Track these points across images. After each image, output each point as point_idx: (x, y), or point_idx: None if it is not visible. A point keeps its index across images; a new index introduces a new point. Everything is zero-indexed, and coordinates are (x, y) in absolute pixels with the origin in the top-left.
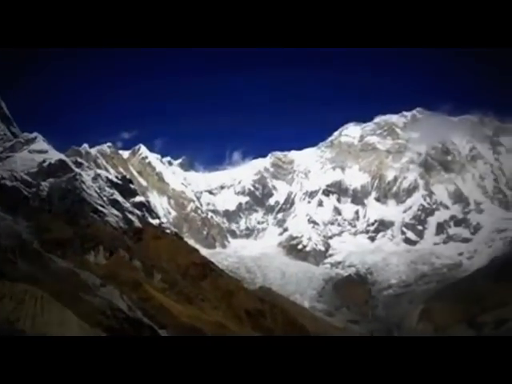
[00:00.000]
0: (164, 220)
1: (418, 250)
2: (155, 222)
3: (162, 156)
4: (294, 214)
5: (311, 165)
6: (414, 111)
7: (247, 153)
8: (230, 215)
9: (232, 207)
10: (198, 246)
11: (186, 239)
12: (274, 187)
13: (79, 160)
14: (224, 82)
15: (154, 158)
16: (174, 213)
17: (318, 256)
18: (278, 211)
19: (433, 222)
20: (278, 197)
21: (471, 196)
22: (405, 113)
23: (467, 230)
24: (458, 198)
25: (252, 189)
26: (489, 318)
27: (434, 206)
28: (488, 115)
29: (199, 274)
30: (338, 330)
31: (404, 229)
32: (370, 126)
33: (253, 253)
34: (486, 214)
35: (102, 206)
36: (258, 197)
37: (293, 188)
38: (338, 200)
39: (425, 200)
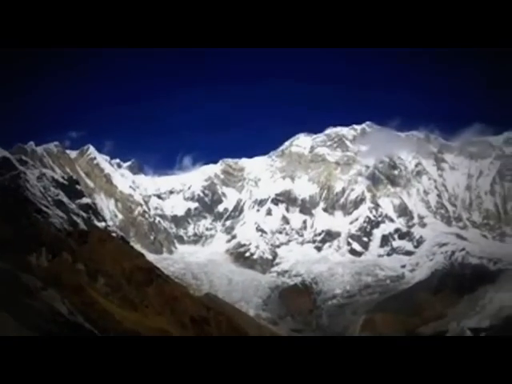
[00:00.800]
0: (110, 223)
1: (362, 261)
2: (101, 224)
3: (111, 158)
4: (242, 221)
5: (261, 173)
6: (364, 125)
7: (198, 158)
8: (178, 221)
9: (180, 212)
10: (144, 251)
11: (132, 243)
12: (224, 194)
13: (24, 158)
14: (176, 87)
15: (102, 159)
16: (120, 216)
17: (265, 264)
18: (227, 218)
19: (378, 234)
20: (227, 204)
21: (415, 210)
22: (355, 126)
23: (410, 243)
24: (403, 211)
25: (201, 195)
26: (428, 330)
27: (380, 219)
28: (434, 133)
29: (144, 279)
30: None
31: (350, 240)
32: (320, 137)
33: (200, 259)
34: (429, 228)
35: (46, 207)
36: (208, 203)
37: (242, 196)
38: (287, 209)
39: (371, 212)
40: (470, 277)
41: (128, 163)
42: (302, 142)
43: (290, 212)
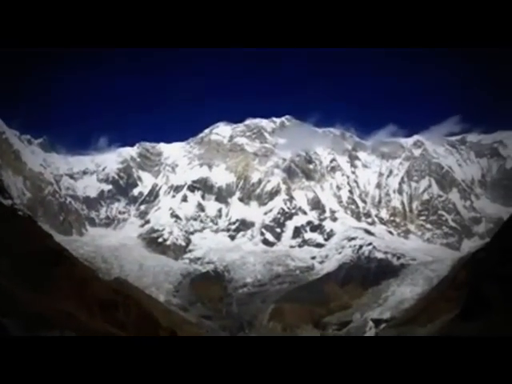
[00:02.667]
0: (17, 201)
1: (274, 251)
2: (7, 202)
3: (21, 133)
4: (157, 206)
5: (179, 159)
6: (283, 118)
7: (114, 140)
8: (90, 202)
9: (93, 194)
10: (52, 232)
11: (40, 223)
12: (139, 178)
13: None
14: (95, 64)
15: (11, 134)
16: (29, 195)
17: (178, 251)
18: (141, 203)
19: (291, 225)
20: (143, 188)
21: (328, 204)
22: (274, 118)
23: (321, 236)
24: (316, 205)
25: (116, 177)
26: (333, 320)
27: (293, 211)
28: (349, 131)
29: (52, 260)
30: (190, 325)
31: (263, 230)
32: (240, 127)
33: (111, 243)
34: (339, 223)
35: None
36: (122, 186)
37: (158, 181)
38: (203, 197)
39: (285, 204)
40: (375, 270)
41: (39, 140)
42: (221, 131)
43: (206, 200)
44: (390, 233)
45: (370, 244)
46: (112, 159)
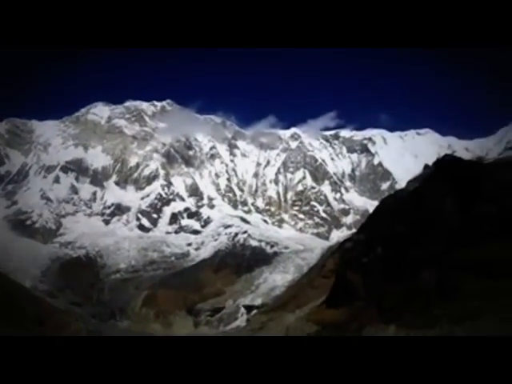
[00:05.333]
0: None
1: (150, 237)
2: None
3: None
4: (26, 187)
5: (52, 138)
6: (165, 102)
7: None
8: None
9: None
10: None
11: None
12: (7, 156)
13: None
14: None
15: None
16: None
17: (48, 234)
18: (9, 182)
19: (168, 211)
20: (10, 167)
21: (206, 191)
22: (155, 102)
23: (198, 223)
24: (194, 191)
25: None
26: (206, 306)
27: (171, 197)
28: (230, 119)
29: None
30: (59, 313)
31: (139, 215)
32: (119, 108)
33: None
34: (216, 210)
35: None
36: None
37: (28, 160)
38: (77, 179)
39: (163, 190)
40: (249, 258)
41: None
42: (99, 111)
43: (80, 182)
44: (265, 221)
45: (245, 232)
46: None
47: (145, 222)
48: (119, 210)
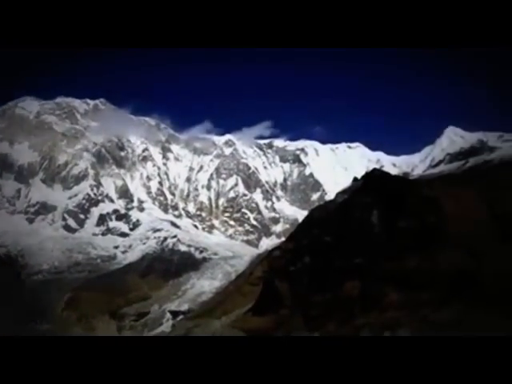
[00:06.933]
0: None
1: (76, 238)
2: None
3: None
4: None
5: None
6: (98, 101)
7: None
8: None
9: None
10: None
11: None
12: None
13: None
14: None
15: None
16: None
17: None
18: None
19: (96, 212)
20: None
21: (136, 194)
22: (88, 100)
23: (127, 226)
24: (124, 193)
25: None
26: (131, 311)
27: (100, 198)
28: (165, 122)
29: None
30: None
31: (66, 215)
32: (49, 104)
33: None
34: (146, 213)
35: None
36: None
37: None
38: (0, 175)
39: (92, 190)
40: (178, 263)
41: None
42: (27, 105)
43: (4, 178)
44: (196, 227)
45: (174, 236)
46: None
47: (71, 222)
48: (44, 208)
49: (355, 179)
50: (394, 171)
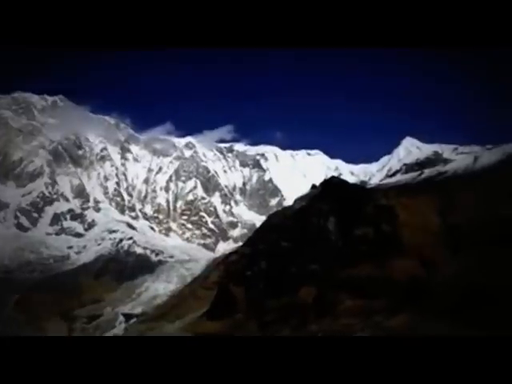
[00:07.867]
0: None
1: (28, 236)
2: None
3: None
4: None
5: None
6: (57, 97)
7: None
8: None
9: None
10: None
11: None
12: None
13: None
14: None
15: None
16: None
17: None
18: None
19: (50, 211)
20: None
21: (92, 193)
22: (46, 96)
23: (81, 226)
24: (80, 193)
25: None
26: (83, 313)
27: (55, 196)
28: (125, 122)
29: None
30: None
31: (18, 213)
32: (6, 99)
33: None
34: (102, 214)
35: None
36: None
37: None
38: None
39: (47, 188)
40: (133, 265)
41: None
42: None
43: None
44: (152, 229)
45: (130, 238)
46: None
47: (24, 220)
48: None
49: (313, 186)
50: (351, 179)
